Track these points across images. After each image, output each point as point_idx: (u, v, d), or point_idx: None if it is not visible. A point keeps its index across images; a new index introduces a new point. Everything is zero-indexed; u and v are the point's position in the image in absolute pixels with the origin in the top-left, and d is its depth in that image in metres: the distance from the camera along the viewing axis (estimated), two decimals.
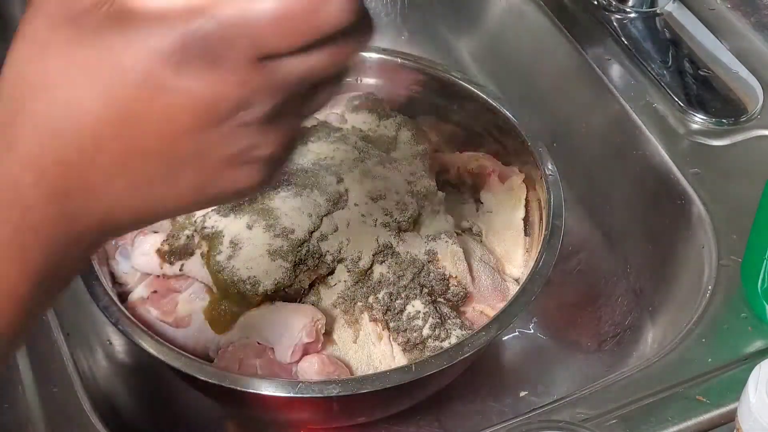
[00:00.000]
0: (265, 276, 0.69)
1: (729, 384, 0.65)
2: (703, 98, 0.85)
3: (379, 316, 0.71)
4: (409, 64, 0.87)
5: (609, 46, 0.91)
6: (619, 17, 0.94)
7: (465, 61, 1.04)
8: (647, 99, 0.85)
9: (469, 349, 0.65)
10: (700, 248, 0.75)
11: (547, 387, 0.80)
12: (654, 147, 0.82)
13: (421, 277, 0.73)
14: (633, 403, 0.64)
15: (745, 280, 0.71)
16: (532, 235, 0.79)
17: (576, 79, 0.91)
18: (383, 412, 0.74)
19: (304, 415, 0.72)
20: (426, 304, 0.72)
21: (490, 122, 0.84)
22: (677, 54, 0.90)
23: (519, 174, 0.81)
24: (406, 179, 0.77)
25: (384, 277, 0.72)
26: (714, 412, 0.64)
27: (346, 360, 0.70)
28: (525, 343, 0.83)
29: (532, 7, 0.96)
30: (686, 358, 0.67)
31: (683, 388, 0.65)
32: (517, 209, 0.80)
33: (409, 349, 0.71)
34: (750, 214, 0.70)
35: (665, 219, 0.80)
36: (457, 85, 0.84)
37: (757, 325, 0.69)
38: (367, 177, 0.76)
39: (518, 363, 0.81)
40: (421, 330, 0.71)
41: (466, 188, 0.85)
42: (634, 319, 0.81)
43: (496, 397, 0.79)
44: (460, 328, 0.72)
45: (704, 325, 0.69)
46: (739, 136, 0.82)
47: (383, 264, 0.72)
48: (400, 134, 0.82)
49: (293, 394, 0.62)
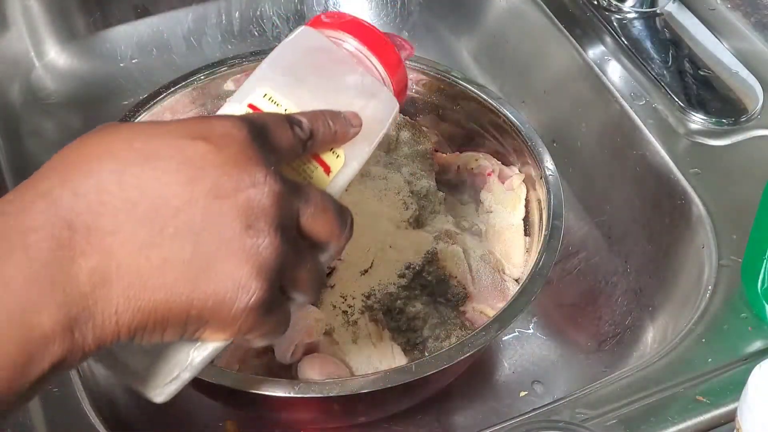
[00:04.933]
0: None
1: (729, 384, 0.65)
2: (703, 98, 0.85)
3: (379, 316, 0.71)
4: (409, 64, 0.87)
5: (609, 46, 0.91)
6: (619, 17, 0.94)
7: (465, 61, 1.04)
8: (647, 99, 0.85)
9: (469, 349, 0.65)
10: (700, 248, 0.75)
11: (547, 387, 0.80)
12: (654, 147, 0.82)
13: (421, 277, 0.73)
14: (633, 403, 0.64)
15: (745, 280, 0.71)
16: (532, 235, 0.79)
17: (576, 79, 0.91)
18: (383, 412, 0.74)
19: (304, 415, 0.72)
20: (426, 304, 0.72)
21: (490, 122, 0.84)
22: (677, 54, 0.90)
23: (519, 174, 0.81)
24: (406, 179, 0.77)
25: (384, 278, 0.72)
26: (714, 412, 0.64)
27: (346, 360, 0.70)
28: (525, 343, 0.83)
29: (532, 7, 0.96)
30: (686, 358, 0.67)
31: (683, 388, 0.65)
32: (517, 209, 0.80)
33: (409, 349, 0.71)
34: (750, 214, 0.70)
35: (665, 219, 0.80)
36: (457, 85, 0.84)
37: (757, 325, 0.69)
38: (367, 177, 0.76)
39: (518, 363, 0.81)
40: (421, 330, 0.71)
41: (466, 188, 0.85)
42: (634, 319, 0.81)
43: (496, 397, 0.79)
44: (460, 328, 0.72)
45: (704, 325, 0.69)
46: (739, 136, 0.82)
47: (383, 264, 0.72)
48: (400, 134, 0.82)
49: (293, 394, 0.62)
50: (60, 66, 1.01)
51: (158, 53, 1.03)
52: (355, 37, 0.57)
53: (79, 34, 1.02)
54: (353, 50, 0.57)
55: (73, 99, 0.99)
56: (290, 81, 0.53)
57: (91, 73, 1.01)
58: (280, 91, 0.52)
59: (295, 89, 0.52)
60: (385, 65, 0.57)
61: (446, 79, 0.86)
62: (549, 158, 0.78)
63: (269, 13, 1.07)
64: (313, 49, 0.56)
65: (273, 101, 0.51)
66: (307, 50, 0.56)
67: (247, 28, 1.06)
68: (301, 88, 0.53)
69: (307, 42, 0.56)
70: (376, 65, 0.57)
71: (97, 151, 0.42)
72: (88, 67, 1.02)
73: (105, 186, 0.40)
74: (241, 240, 0.41)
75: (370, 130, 0.55)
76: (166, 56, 1.03)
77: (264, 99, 0.51)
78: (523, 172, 0.81)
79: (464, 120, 0.86)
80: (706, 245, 0.75)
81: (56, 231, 0.39)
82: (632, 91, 0.86)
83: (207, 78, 0.85)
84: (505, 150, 0.83)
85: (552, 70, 0.95)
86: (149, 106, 0.82)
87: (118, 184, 0.41)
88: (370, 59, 0.57)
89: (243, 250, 0.41)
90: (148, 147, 0.42)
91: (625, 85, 0.87)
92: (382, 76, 0.57)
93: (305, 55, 0.55)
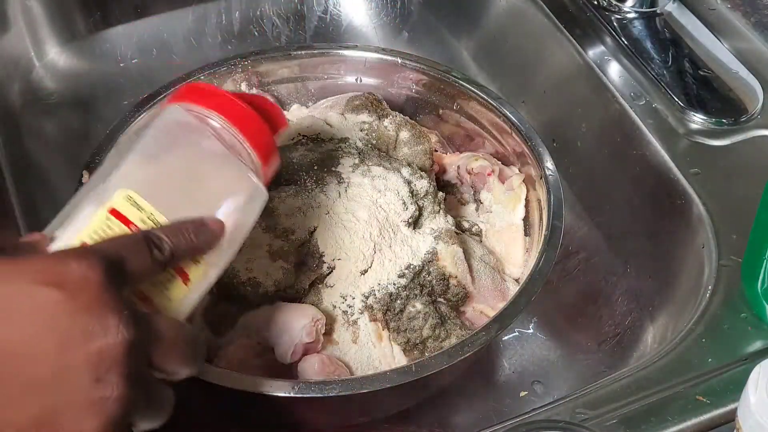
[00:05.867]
0: (266, 277, 0.69)
1: (729, 384, 0.65)
2: (703, 98, 0.85)
3: (379, 316, 0.71)
4: (409, 64, 0.88)
5: (609, 46, 0.91)
6: (619, 17, 0.94)
7: (465, 61, 1.04)
8: (647, 99, 0.85)
9: (469, 349, 0.65)
10: (700, 248, 0.75)
11: (547, 387, 0.80)
12: (654, 147, 0.82)
13: (421, 277, 0.73)
14: (633, 403, 0.64)
15: (745, 280, 0.71)
16: (532, 235, 0.79)
17: (576, 79, 0.91)
18: (383, 412, 0.74)
19: (304, 415, 0.72)
20: (426, 304, 0.72)
21: (490, 122, 0.84)
22: (677, 54, 0.90)
23: (519, 174, 0.81)
24: (406, 179, 0.77)
25: (384, 278, 0.72)
26: (714, 412, 0.64)
27: (346, 360, 0.70)
28: (525, 343, 0.83)
29: (532, 7, 0.96)
30: (686, 358, 0.67)
31: (683, 388, 0.65)
32: (517, 209, 0.80)
33: (409, 349, 0.71)
34: (750, 214, 0.70)
35: (665, 219, 0.80)
36: (457, 85, 0.84)
37: (757, 325, 0.69)
38: (367, 177, 0.76)
39: (518, 363, 0.81)
40: (421, 330, 0.71)
41: (466, 188, 0.85)
42: (634, 319, 0.81)
43: (496, 397, 0.79)
44: (460, 328, 0.72)
45: (704, 325, 0.69)
46: (739, 136, 0.82)
47: (383, 264, 0.72)
48: (400, 134, 0.82)
49: (293, 394, 0.62)
50: (60, 66, 1.01)
51: (158, 53, 1.03)
52: (222, 116, 0.54)
53: (79, 34, 1.02)
54: (219, 128, 0.54)
55: (73, 99, 0.99)
56: (154, 179, 0.51)
57: (91, 73, 1.01)
58: (144, 191, 0.50)
59: (159, 189, 0.51)
60: (254, 145, 0.55)
61: (446, 79, 0.86)
62: (549, 158, 0.78)
63: (269, 13, 1.07)
64: (180, 135, 0.54)
65: (135, 204, 0.49)
66: (174, 138, 0.53)
67: (247, 28, 1.06)
68: (165, 188, 0.51)
69: (174, 126, 0.54)
70: (245, 146, 0.55)
71: None
72: (88, 67, 1.02)
73: None
74: (89, 393, 0.41)
75: (235, 235, 0.53)
76: (166, 56, 1.03)
77: (126, 203, 0.49)
78: (523, 172, 0.81)
79: (464, 120, 0.86)
80: (706, 245, 0.75)
81: None
82: (632, 91, 0.86)
83: (207, 78, 0.85)
84: (505, 150, 0.83)
85: (552, 70, 0.95)
86: (149, 106, 0.82)
87: None
88: (238, 138, 0.55)
89: (92, 404, 0.41)
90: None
91: (625, 85, 0.87)
92: (251, 157, 0.55)
93: (171, 145, 0.53)
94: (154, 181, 0.51)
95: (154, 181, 0.51)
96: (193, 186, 0.53)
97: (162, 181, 0.52)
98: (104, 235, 0.48)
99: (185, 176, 0.53)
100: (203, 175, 0.53)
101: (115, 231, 0.48)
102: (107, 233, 0.48)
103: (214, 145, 0.54)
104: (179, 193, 0.52)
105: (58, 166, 0.92)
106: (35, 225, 0.82)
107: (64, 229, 0.49)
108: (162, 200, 0.50)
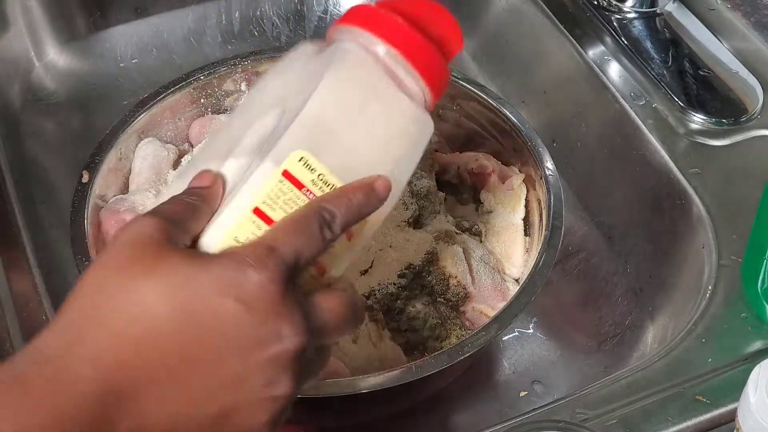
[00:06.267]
0: None
1: (729, 384, 0.65)
2: (703, 98, 0.85)
3: (380, 316, 0.71)
4: None
5: (609, 46, 0.91)
6: (619, 17, 0.94)
7: (465, 61, 1.04)
8: (647, 99, 0.85)
9: (469, 349, 0.65)
10: (700, 248, 0.75)
11: (547, 387, 0.80)
12: (654, 147, 0.82)
13: (421, 277, 0.73)
14: (633, 403, 0.64)
15: (745, 280, 0.71)
16: (532, 235, 0.79)
17: (576, 79, 0.91)
18: (383, 412, 0.74)
19: (304, 415, 0.72)
20: (426, 304, 0.72)
21: (490, 122, 0.84)
22: (677, 54, 0.90)
23: (519, 174, 0.81)
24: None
25: (384, 278, 0.72)
26: (714, 412, 0.64)
27: (346, 360, 0.70)
28: (525, 343, 0.83)
29: (532, 7, 0.96)
30: (686, 358, 0.67)
31: (683, 388, 0.65)
32: (517, 209, 0.80)
33: (409, 349, 0.71)
34: (750, 214, 0.70)
35: (665, 219, 0.80)
36: (457, 85, 0.84)
37: (757, 325, 0.69)
38: None
39: (518, 363, 0.81)
40: (421, 330, 0.71)
41: (466, 188, 0.85)
42: (634, 319, 0.81)
43: (496, 397, 0.79)
44: (460, 328, 0.72)
45: (704, 325, 0.69)
46: (739, 136, 0.82)
47: (383, 264, 0.72)
48: None
49: None
50: (60, 66, 1.01)
51: (158, 53, 1.03)
52: (385, 40, 0.51)
53: (79, 34, 1.02)
54: (383, 55, 0.51)
55: (73, 99, 0.99)
56: (327, 136, 0.49)
57: (91, 73, 1.01)
58: (315, 152, 0.48)
59: (330, 146, 0.48)
60: (428, 82, 0.52)
61: None
62: (549, 158, 0.78)
63: (269, 13, 1.07)
64: (355, 82, 0.51)
65: (307, 165, 0.48)
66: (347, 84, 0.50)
67: (247, 28, 1.06)
68: (335, 144, 0.49)
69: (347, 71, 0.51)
70: (420, 84, 0.51)
71: (133, 310, 0.42)
72: (88, 67, 1.02)
73: (144, 351, 0.42)
74: (262, 393, 0.44)
75: (401, 179, 0.51)
76: (166, 56, 1.03)
77: (299, 164, 0.47)
78: (523, 172, 0.81)
79: (464, 120, 0.86)
80: (706, 245, 0.75)
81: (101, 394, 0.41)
82: (632, 91, 0.86)
83: (207, 78, 0.85)
84: (505, 150, 0.83)
85: (552, 70, 0.95)
86: (149, 106, 0.82)
87: (156, 349, 0.42)
88: (412, 74, 0.51)
89: (264, 402, 0.44)
90: (184, 305, 0.43)
91: (625, 85, 0.87)
92: (424, 93, 0.52)
93: (343, 95, 0.50)
94: (327, 138, 0.49)
95: (327, 139, 0.49)
96: (364, 136, 0.50)
97: (333, 137, 0.49)
98: (277, 200, 0.47)
99: (357, 127, 0.50)
100: (375, 121, 0.51)
101: (288, 196, 0.47)
102: (280, 198, 0.47)
103: (388, 87, 0.51)
104: (350, 148, 0.50)
105: (58, 166, 0.92)
106: (35, 225, 0.82)
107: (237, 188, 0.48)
108: (333, 158, 0.48)
